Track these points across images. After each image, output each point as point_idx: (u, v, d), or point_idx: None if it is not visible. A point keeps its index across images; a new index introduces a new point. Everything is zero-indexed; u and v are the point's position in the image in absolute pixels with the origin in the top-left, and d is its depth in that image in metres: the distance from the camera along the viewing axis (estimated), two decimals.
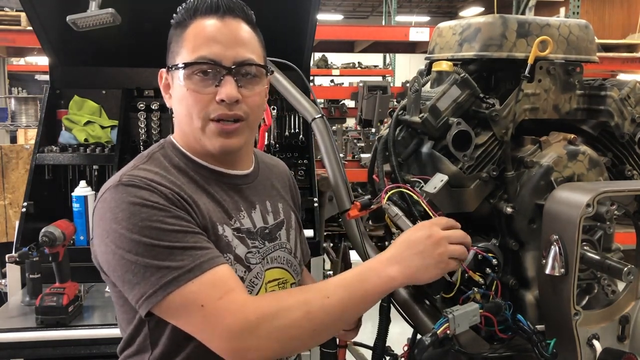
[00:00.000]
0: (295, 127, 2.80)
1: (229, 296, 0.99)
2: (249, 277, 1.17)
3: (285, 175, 1.43)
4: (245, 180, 1.25)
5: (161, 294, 0.99)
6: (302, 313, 1.01)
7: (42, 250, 1.99)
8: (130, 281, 1.01)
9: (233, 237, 1.15)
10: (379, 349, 1.31)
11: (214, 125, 1.13)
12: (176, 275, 0.99)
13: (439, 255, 1.07)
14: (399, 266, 1.07)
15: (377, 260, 1.10)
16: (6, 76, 5.93)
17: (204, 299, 0.99)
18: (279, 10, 1.18)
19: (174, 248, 1.00)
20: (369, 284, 1.06)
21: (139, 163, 1.15)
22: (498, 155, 1.30)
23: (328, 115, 6.06)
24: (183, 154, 1.19)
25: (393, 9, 10.69)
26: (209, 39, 1.12)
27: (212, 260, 1.03)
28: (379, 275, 1.06)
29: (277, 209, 1.30)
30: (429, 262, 1.07)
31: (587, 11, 11.20)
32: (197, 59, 1.11)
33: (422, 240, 1.08)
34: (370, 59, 10.28)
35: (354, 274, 1.08)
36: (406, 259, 1.07)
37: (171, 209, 1.04)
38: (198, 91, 1.12)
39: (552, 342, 1.14)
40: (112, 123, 2.73)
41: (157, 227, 1.01)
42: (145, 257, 1.00)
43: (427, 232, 1.09)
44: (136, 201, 1.03)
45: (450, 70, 1.34)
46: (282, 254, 1.27)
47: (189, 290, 0.99)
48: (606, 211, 1.12)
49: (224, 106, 1.12)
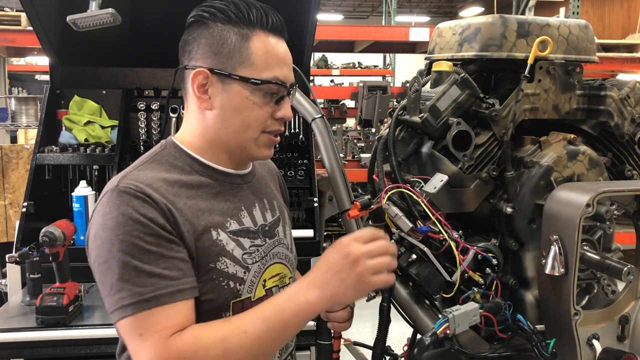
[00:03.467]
0: (295, 127, 2.80)
1: (164, 332, 1.01)
2: (249, 277, 1.18)
3: (274, 171, 1.46)
4: (246, 179, 1.27)
5: (118, 314, 1.02)
6: (220, 352, 1.01)
7: (43, 250, 1.99)
8: (102, 292, 1.05)
9: (229, 240, 1.16)
10: (379, 349, 1.31)
11: (266, 137, 1.20)
12: (133, 301, 1.01)
13: (357, 275, 1.03)
14: (317, 290, 1.04)
15: (298, 286, 1.07)
16: (6, 76, 5.93)
17: (145, 328, 1.01)
18: (279, 10, 1.17)
19: (141, 271, 1.02)
20: (288, 313, 1.04)
21: (141, 163, 1.16)
22: (498, 155, 1.31)
23: (328, 115, 6.07)
24: (189, 155, 1.19)
25: (393, 9, 10.69)
26: (280, 60, 1.17)
27: (173, 294, 1.03)
28: (297, 302, 1.04)
29: (273, 206, 1.32)
30: (348, 283, 1.03)
31: (587, 11, 11.21)
32: (272, 79, 1.15)
33: (339, 261, 1.04)
34: (370, 59, 10.28)
35: (273, 304, 1.06)
36: (325, 282, 1.04)
37: (155, 227, 1.05)
38: (261, 107, 1.16)
39: (551, 342, 1.14)
40: (112, 123, 2.73)
41: (134, 244, 1.02)
42: (114, 274, 1.02)
43: (344, 252, 1.04)
44: (126, 211, 1.04)
45: (450, 70, 1.34)
46: (281, 250, 1.29)
47: (138, 318, 1.01)
48: (606, 211, 1.12)
49: (280, 123, 1.20)
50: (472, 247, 1.24)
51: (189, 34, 1.19)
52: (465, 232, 1.29)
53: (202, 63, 1.16)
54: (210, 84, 1.16)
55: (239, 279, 1.16)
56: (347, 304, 1.10)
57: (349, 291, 1.04)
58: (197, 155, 1.19)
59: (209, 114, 1.17)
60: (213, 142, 1.19)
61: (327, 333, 1.35)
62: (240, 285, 1.16)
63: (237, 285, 1.15)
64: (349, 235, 1.08)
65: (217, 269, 1.13)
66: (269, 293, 1.22)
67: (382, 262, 1.04)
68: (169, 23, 1.20)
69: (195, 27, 1.17)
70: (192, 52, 1.18)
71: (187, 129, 1.22)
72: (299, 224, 2.56)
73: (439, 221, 1.21)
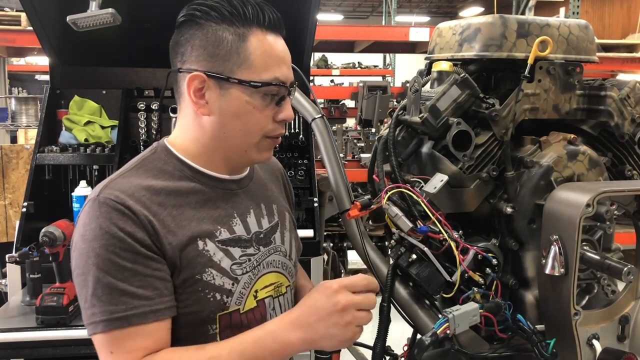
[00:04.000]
0: (295, 127, 2.80)
1: (134, 353, 1.00)
2: (237, 289, 1.14)
3: (278, 172, 1.40)
4: (241, 184, 1.22)
5: (91, 329, 1.02)
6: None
7: (43, 250, 1.99)
8: (79, 301, 1.05)
9: (217, 250, 1.11)
10: (379, 349, 1.31)
11: (267, 140, 1.15)
12: (104, 319, 1.00)
13: (345, 324, 1.01)
14: (300, 332, 1.02)
15: (279, 322, 1.05)
16: (6, 76, 5.93)
17: (115, 347, 1.00)
18: (279, 10, 1.16)
19: (114, 288, 1.00)
20: (266, 350, 1.02)
21: (127, 170, 1.12)
22: (498, 155, 1.31)
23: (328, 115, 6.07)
24: (180, 160, 1.15)
25: (393, 9, 10.69)
26: (279, 60, 1.12)
27: (145, 315, 1.01)
28: (277, 340, 1.03)
29: (271, 211, 1.27)
30: (334, 331, 1.02)
31: (587, 11, 11.21)
32: (272, 81, 1.10)
33: (328, 308, 1.02)
34: (370, 59, 10.28)
35: (252, 338, 1.04)
36: (310, 325, 1.02)
37: (132, 242, 1.02)
38: (262, 110, 1.11)
39: (552, 342, 1.14)
40: (112, 123, 2.73)
41: (110, 259, 1.00)
42: (87, 288, 1.01)
43: (334, 299, 1.02)
44: (104, 224, 1.02)
45: (450, 70, 1.34)
46: (277, 258, 1.24)
47: (109, 336, 1.00)
48: (606, 211, 1.12)
49: (282, 125, 1.15)
50: (472, 247, 1.24)
51: (180, 34, 1.12)
52: (465, 232, 1.29)
53: (197, 66, 1.09)
54: (207, 88, 1.10)
55: (226, 291, 1.11)
56: (326, 349, 1.08)
57: (333, 338, 1.03)
58: (188, 160, 1.15)
59: (206, 119, 1.12)
60: (208, 147, 1.15)
61: None
62: (228, 297, 1.11)
63: (223, 297, 1.10)
64: (338, 281, 1.05)
65: (202, 281, 1.08)
66: (261, 304, 1.18)
67: (365, 317, 1.04)
68: (169, 23, 1.19)
69: (187, 27, 1.11)
70: (185, 54, 1.11)
71: (181, 132, 1.17)
72: (298, 224, 2.56)
73: (439, 221, 1.21)
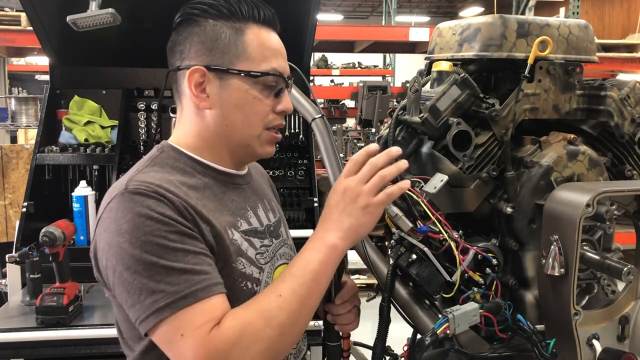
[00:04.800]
0: (295, 127, 2.81)
1: (205, 326, 0.97)
2: (264, 278, 1.16)
3: (265, 174, 1.46)
4: (246, 179, 1.26)
5: (153, 320, 0.97)
6: (264, 321, 0.99)
7: (42, 250, 1.99)
8: (127, 301, 1.00)
9: (242, 239, 1.14)
10: (379, 349, 1.31)
11: (268, 133, 1.18)
12: (169, 301, 0.96)
13: (361, 202, 1.06)
14: (332, 232, 1.06)
15: (313, 237, 1.09)
16: (6, 76, 5.94)
17: (185, 327, 0.96)
18: (279, 10, 1.17)
19: (172, 269, 0.97)
20: (314, 263, 1.04)
21: (142, 167, 1.11)
22: (498, 155, 1.30)
23: (328, 115, 6.07)
24: (189, 157, 1.16)
25: (393, 9, 10.69)
26: (276, 52, 1.16)
27: (209, 288, 1.00)
28: (319, 249, 1.05)
29: (273, 207, 1.32)
30: (357, 213, 1.06)
31: (587, 11, 11.21)
32: (269, 71, 1.14)
33: (339, 199, 1.07)
34: (370, 59, 10.28)
35: (296, 262, 1.06)
36: (335, 221, 1.07)
37: (176, 224, 1.01)
38: (262, 100, 1.15)
39: (552, 342, 1.14)
40: (112, 123, 2.73)
41: (158, 243, 0.98)
42: (142, 277, 0.97)
43: (340, 189, 1.08)
44: (142, 212, 0.99)
45: (450, 70, 1.34)
46: (286, 250, 1.28)
47: (177, 318, 0.97)
48: (606, 211, 1.12)
49: (281, 117, 1.19)
50: (472, 247, 1.24)
51: (178, 34, 1.15)
52: (465, 232, 1.29)
53: (196, 61, 1.12)
54: (208, 82, 1.12)
55: (256, 280, 1.13)
56: (364, 235, 1.10)
57: (361, 220, 1.06)
58: (196, 156, 1.16)
59: (208, 113, 1.14)
60: (212, 142, 1.16)
61: (335, 335, 1.35)
62: (257, 286, 1.13)
63: (254, 286, 1.13)
64: (340, 176, 1.11)
65: (237, 269, 1.10)
66: None
67: (376, 181, 1.07)
68: (169, 23, 1.19)
69: (185, 26, 1.15)
70: (184, 51, 1.14)
71: (182, 131, 1.19)
72: (298, 224, 2.56)
73: (439, 221, 1.21)
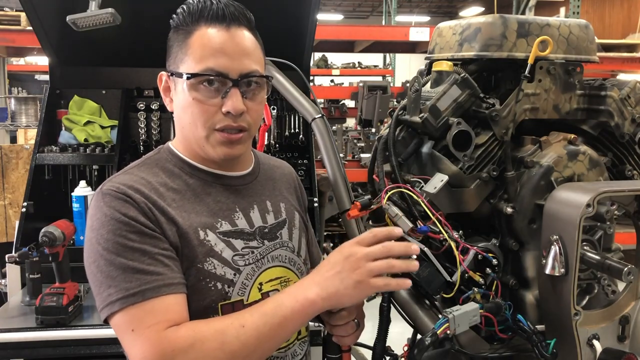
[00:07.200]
0: (295, 127, 2.80)
1: (156, 326, 1.01)
2: (240, 279, 1.17)
3: (290, 176, 1.43)
4: (243, 180, 1.26)
5: (107, 311, 1.04)
6: (217, 344, 1.01)
7: (42, 250, 1.99)
8: (93, 290, 1.09)
9: (218, 240, 1.15)
10: (379, 349, 1.31)
11: (219, 134, 1.15)
12: (120, 296, 1.03)
13: (358, 275, 1.03)
14: (317, 288, 1.04)
15: (299, 283, 1.09)
16: (6, 76, 5.94)
17: (136, 323, 1.02)
18: (279, 10, 1.17)
19: (127, 267, 1.04)
20: (286, 309, 1.04)
21: (130, 167, 1.19)
22: (498, 155, 1.30)
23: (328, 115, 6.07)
24: (180, 158, 1.21)
25: (393, 9, 10.69)
26: (216, 50, 1.13)
27: (159, 288, 1.04)
28: (297, 299, 1.05)
29: (278, 209, 1.30)
30: (348, 283, 1.03)
31: (587, 11, 11.21)
32: (203, 70, 1.12)
33: (340, 261, 1.05)
34: (370, 59, 10.29)
35: (272, 300, 1.07)
36: (325, 280, 1.05)
37: (136, 224, 1.07)
38: (203, 102, 1.13)
39: (552, 342, 1.14)
40: (112, 123, 2.73)
41: (119, 242, 1.05)
42: (102, 272, 1.05)
43: (346, 253, 1.05)
44: (108, 212, 1.07)
45: (450, 70, 1.34)
46: (283, 253, 1.27)
47: (127, 313, 1.03)
48: (606, 211, 1.12)
49: (229, 118, 1.14)
50: (472, 247, 1.24)
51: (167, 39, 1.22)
52: (465, 232, 1.29)
53: (167, 67, 1.20)
54: (169, 87, 1.20)
55: (228, 281, 1.14)
56: (346, 305, 1.10)
57: (348, 291, 1.03)
58: (187, 158, 1.21)
59: (174, 116, 1.21)
60: (186, 144, 1.21)
61: (335, 347, 1.35)
62: (230, 287, 1.15)
63: (225, 287, 1.14)
64: (354, 239, 1.09)
65: (203, 270, 1.12)
66: (266, 297, 1.19)
67: (381, 265, 1.04)
68: (169, 23, 1.20)
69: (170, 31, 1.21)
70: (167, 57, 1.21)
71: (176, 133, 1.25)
72: None
73: (439, 221, 1.21)
